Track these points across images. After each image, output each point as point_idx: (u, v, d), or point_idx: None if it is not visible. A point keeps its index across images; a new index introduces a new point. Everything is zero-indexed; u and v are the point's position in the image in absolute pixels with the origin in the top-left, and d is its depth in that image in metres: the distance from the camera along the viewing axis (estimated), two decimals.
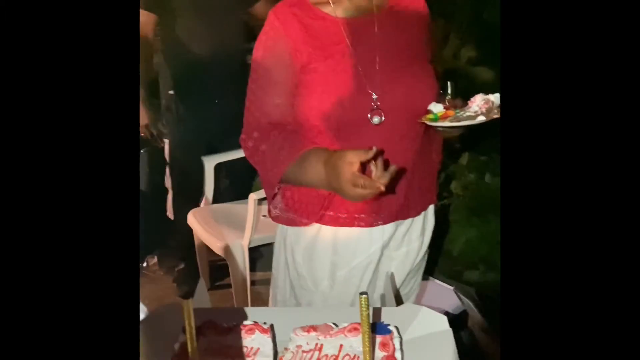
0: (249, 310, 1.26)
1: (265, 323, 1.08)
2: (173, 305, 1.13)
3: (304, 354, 0.97)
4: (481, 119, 1.11)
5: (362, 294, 0.86)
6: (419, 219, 1.33)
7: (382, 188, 1.01)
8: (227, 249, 2.24)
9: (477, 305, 1.99)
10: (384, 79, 1.19)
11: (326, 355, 0.96)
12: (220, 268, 2.62)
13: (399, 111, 1.19)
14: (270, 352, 1.00)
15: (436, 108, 1.17)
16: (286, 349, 1.00)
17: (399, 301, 1.33)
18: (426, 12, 1.29)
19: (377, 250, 1.29)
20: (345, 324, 1.03)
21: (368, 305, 0.86)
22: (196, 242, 2.54)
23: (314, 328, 1.03)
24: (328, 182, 1.11)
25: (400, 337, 1.01)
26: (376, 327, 1.01)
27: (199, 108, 2.43)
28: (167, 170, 2.63)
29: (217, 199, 2.62)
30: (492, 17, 2.53)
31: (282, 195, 1.29)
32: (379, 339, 0.97)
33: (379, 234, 1.27)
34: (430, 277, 2.21)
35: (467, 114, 1.13)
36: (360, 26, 1.20)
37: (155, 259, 2.90)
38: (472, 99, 1.15)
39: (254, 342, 1.03)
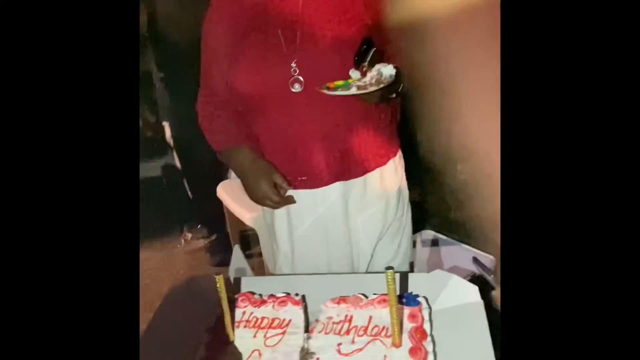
0: (283, 278, 1.31)
1: (297, 294, 1.12)
2: (208, 277, 1.17)
3: (335, 325, 1.00)
4: (353, 90, 1.15)
5: (387, 268, 0.88)
6: (373, 180, 1.36)
7: (293, 202, 1.31)
8: (256, 220, 2.28)
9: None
10: (303, 47, 1.23)
11: (356, 327, 0.99)
12: (251, 237, 2.68)
13: (319, 77, 1.21)
14: (302, 324, 1.04)
15: (354, 75, 1.19)
16: (317, 320, 1.03)
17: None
18: None
19: (329, 211, 1.34)
20: (375, 296, 1.05)
21: (394, 279, 0.88)
22: (226, 214, 2.59)
23: (344, 299, 1.06)
24: (246, 181, 1.32)
25: (430, 308, 1.04)
26: (405, 298, 1.03)
27: (189, 87, 2.44)
28: (174, 152, 2.67)
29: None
30: None
31: None
32: (407, 310, 0.99)
33: (323, 194, 1.33)
34: (457, 242, 2.22)
35: (358, 83, 1.16)
36: None
37: (189, 235, 2.98)
38: (371, 69, 1.17)
39: (286, 313, 1.06)
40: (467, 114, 2.58)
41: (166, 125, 2.58)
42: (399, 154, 1.44)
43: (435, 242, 2.19)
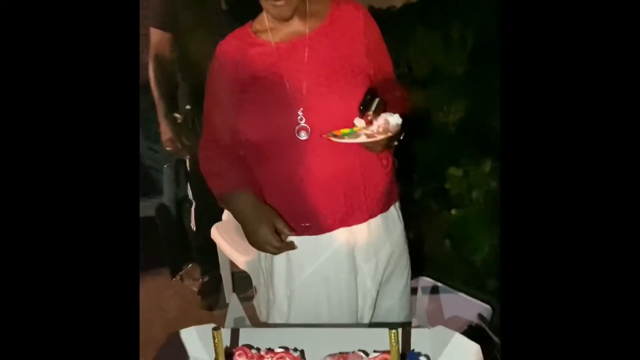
0: (282, 331, 1.28)
1: (296, 350, 1.09)
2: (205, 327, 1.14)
3: None
4: (362, 138, 1.18)
5: (391, 327, 0.86)
6: (377, 227, 1.37)
7: (294, 247, 1.30)
8: (250, 263, 2.25)
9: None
10: (310, 96, 1.27)
11: None
12: (244, 279, 2.64)
13: (325, 126, 1.25)
14: None
15: (359, 123, 1.23)
16: None
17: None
18: (367, 28, 1.33)
19: (331, 258, 1.34)
20: (376, 354, 1.03)
21: (398, 340, 0.86)
22: (219, 256, 2.56)
23: (344, 357, 1.04)
24: (246, 225, 1.31)
25: None
26: (407, 356, 1.01)
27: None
28: (188, 183, 2.66)
29: None
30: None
31: None
32: None
33: (326, 241, 1.33)
34: (454, 289, 2.20)
35: (366, 132, 1.20)
36: (292, 49, 1.29)
37: (180, 277, 2.94)
38: (377, 118, 1.22)
39: None
40: (464, 160, 2.61)
41: (188, 158, 2.56)
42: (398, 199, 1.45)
43: (434, 290, 2.18)
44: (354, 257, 1.36)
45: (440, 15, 3.04)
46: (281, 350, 1.09)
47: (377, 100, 1.24)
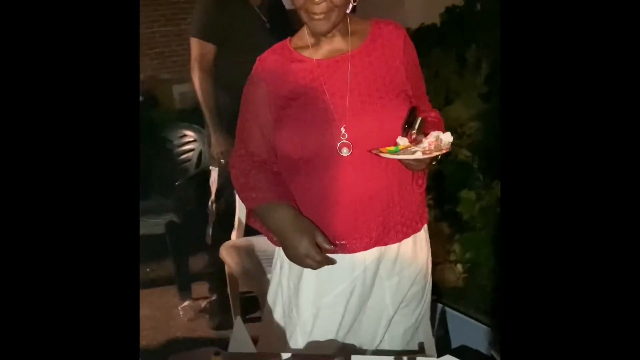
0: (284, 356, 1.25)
1: None
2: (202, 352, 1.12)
3: None
4: (418, 154, 1.18)
5: (397, 359, 0.84)
6: (407, 247, 1.37)
7: (334, 262, 1.27)
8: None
9: None
10: (352, 113, 1.27)
11: None
12: (252, 300, 2.62)
13: (367, 143, 1.25)
14: None
15: (402, 141, 1.23)
16: None
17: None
18: (406, 48, 1.35)
19: (360, 276, 1.33)
20: None
21: None
22: (228, 275, 2.54)
23: None
24: (286, 238, 1.27)
25: None
26: None
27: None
28: (213, 196, 2.64)
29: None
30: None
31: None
32: None
33: (360, 259, 1.32)
34: (464, 315, 2.16)
35: (416, 149, 1.20)
36: (334, 66, 1.30)
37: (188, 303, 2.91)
38: (427, 136, 1.22)
39: None
40: (476, 183, 2.57)
41: (214, 170, 2.56)
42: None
43: (443, 315, 2.14)
44: (380, 274, 1.36)
45: (455, 38, 3.04)
46: None
47: (419, 119, 1.25)
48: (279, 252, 1.43)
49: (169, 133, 3.25)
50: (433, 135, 1.21)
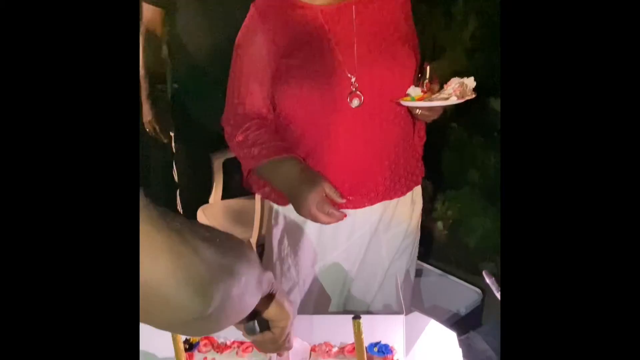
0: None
1: None
2: None
3: None
4: (453, 99, 1.14)
5: (355, 318, 0.80)
6: (405, 202, 1.35)
7: (345, 217, 1.15)
8: None
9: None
10: (362, 62, 1.20)
11: None
12: None
13: (378, 94, 1.20)
14: None
15: (414, 92, 1.19)
16: None
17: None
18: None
19: (366, 234, 1.31)
20: (348, 343, 0.98)
21: (361, 330, 0.81)
22: None
23: (312, 348, 0.98)
24: (295, 192, 1.17)
25: (403, 358, 0.96)
26: (377, 347, 0.96)
27: (203, 102, 2.38)
28: (174, 164, 2.60)
29: (225, 195, 2.59)
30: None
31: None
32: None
33: (366, 215, 1.30)
34: (445, 273, 2.15)
35: (441, 96, 1.16)
36: (339, 12, 1.21)
37: None
38: (448, 83, 1.18)
39: None
40: (459, 140, 2.55)
41: (172, 136, 2.52)
42: None
43: (418, 273, 2.13)
44: (378, 228, 1.33)
45: None
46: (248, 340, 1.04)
47: (429, 67, 1.20)
48: (277, 210, 1.38)
49: None
50: (455, 81, 1.16)
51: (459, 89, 1.16)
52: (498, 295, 1.50)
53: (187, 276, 0.52)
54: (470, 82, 1.17)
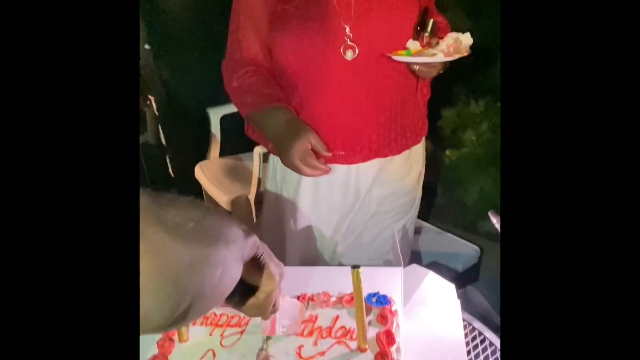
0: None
1: None
2: None
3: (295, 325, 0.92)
4: (440, 57, 1.08)
5: (354, 267, 0.79)
6: (401, 159, 1.32)
7: (328, 171, 1.12)
8: (233, 203, 2.20)
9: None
10: (358, 12, 1.15)
11: (320, 328, 0.90)
12: None
13: (373, 46, 1.15)
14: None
15: (413, 45, 1.13)
16: None
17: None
18: None
19: (358, 189, 1.30)
20: (346, 293, 0.97)
21: (360, 279, 0.80)
22: (204, 196, 2.50)
23: (311, 298, 0.98)
24: (280, 142, 1.15)
25: (401, 308, 0.96)
26: (375, 297, 0.95)
27: (179, 62, 2.34)
28: (159, 127, 2.58)
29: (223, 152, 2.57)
30: None
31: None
32: (377, 310, 0.91)
33: (357, 171, 1.28)
34: (443, 231, 2.15)
35: (433, 51, 1.10)
36: None
37: None
38: (444, 38, 1.12)
39: None
40: (459, 100, 2.51)
41: (152, 99, 2.47)
42: None
43: (417, 231, 2.13)
44: (372, 184, 1.32)
45: None
46: None
47: (431, 21, 1.14)
48: (274, 163, 1.37)
49: None
50: (451, 36, 1.10)
51: (452, 45, 1.10)
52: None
53: (144, 285, 0.47)
54: (466, 38, 1.11)
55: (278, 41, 1.19)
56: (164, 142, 2.56)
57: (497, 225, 1.06)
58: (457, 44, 1.10)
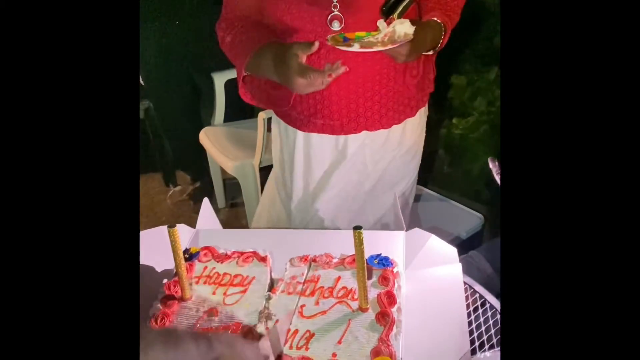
0: (251, 232, 1.23)
1: (264, 250, 1.04)
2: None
3: (299, 285, 0.93)
4: (355, 47, 1.02)
5: (355, 228, 0.79)
6: (395, 133, 1.31)
7: (330, 78, 1.03)
8: (238, 169, 2.19)
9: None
10: None
11: (322, 288, 0.91)
12: (236, 186, 2.61)
13: (359, 19, 1.12)
14: (266, 282, 0.96)
15: (381, 26, 1.05)
16: (281, 279, 0.96)
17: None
18: None
19: (347, 158, 1.30)
20: (347, 255, 0.98)
21: (362, 240, 0.80)
22: (209, 161, 2.50)
23: (312, 259, 0.98)
24: (278, 73, 1.11)
25: (403, 270, 0.96)
26: (377, 259, 0.95)
27: (161, 24, 2.31)
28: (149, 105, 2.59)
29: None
30: None
31: (255, 88, 1.29)
32: (378, 272, 0.92)
33: (346, 142, 1.28)
34: (446, 198, 2.15)
35: (368, 38, 1.05)
36: None
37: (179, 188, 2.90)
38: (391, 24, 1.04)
39: (250, 270, 0.99)
40: (468, 68, 2.47)
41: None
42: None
43: (424, 198, 2.12)
44: (366, 156, 1.32)
45: None
46: (249, 251, 1.04)
47: (406, 1, 1.06)
48: (275, 125, 1.37)
49: None
50: (394, 23, 1.03)
51: (388, 34, 1.03)
52: (498, 179, 1.50)
53: None
54: (403, 27, 1.03)
55: (270, 5, 1.18)
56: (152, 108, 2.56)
57: (494, 169, 1.05)
58: (392, 33, 1.04)
